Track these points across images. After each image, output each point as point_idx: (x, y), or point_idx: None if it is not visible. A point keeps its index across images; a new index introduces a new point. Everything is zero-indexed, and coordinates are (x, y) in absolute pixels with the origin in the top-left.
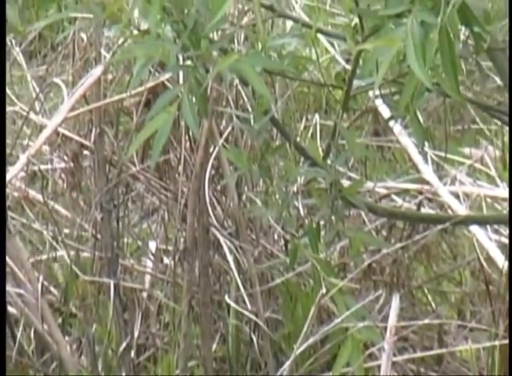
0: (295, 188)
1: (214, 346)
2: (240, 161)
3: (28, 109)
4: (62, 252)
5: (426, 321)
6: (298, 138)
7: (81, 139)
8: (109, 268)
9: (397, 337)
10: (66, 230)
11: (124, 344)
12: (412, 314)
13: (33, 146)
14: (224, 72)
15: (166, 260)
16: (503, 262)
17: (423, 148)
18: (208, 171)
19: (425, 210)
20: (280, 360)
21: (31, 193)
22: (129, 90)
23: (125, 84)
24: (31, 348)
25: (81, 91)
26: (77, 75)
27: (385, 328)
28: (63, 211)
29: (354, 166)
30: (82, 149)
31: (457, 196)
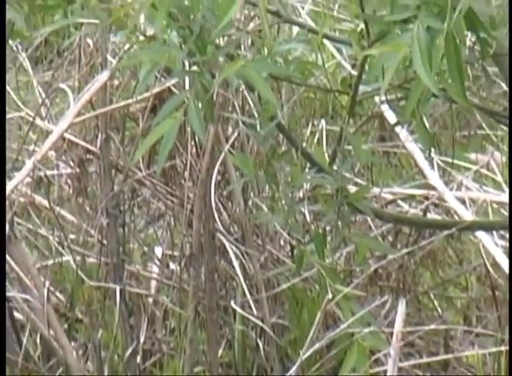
0: (301, 194)
1: (220, 352)
2: (246, 167)
3: (34, 114)
4: (68, 258)
5: (432, 327)
6: (304, 143)
7: (87, 145)
8: (115, 273)
9: (403, 342)
10: (72, 236)
11: (130, 349)
12: (418, 319)
13: (39, 152)
14: (230, 78)
15: (172, 266)
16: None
17: (429, 154)
18: (214, 176)
19: (431, 215)
20: (286, 366)
21: (37, 199)
22: (135, 96)
23: (131, 89)
24: (37, 353)
25: (87, 96)
26: (83, 81)
27: (391, 334)
28: (69, 217)
29: (360, 172)
30: (88, 154)
31: (463, 201)
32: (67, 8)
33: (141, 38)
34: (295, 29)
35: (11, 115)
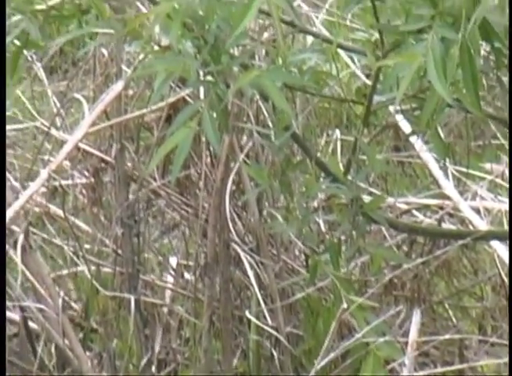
0: (316, 203)
1: (234, 361)
2: (261, 177)
3: (49, 124)
4: (83, 267)
5: (447, 336)
6: (319, 153)
7: (102, 155)
8: (130, 283)
9: (418, 352)
10: (86, 245)
11: (145, 359)
12: (433, 329)
13: (54, 162)
14: (244, 87)
15: (187, 275)
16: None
17: (444, 163)
18: (229, 186)
19: (446, 225)
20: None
21: (52, 209)
22: (150, 105)
23: (146, 99)
24: (52, 363)
25: (102, 106)
26: (97, 90)
27: (406, 343)
28: (84, 227)
29: (375, 181)
30: (103, 164)
31: (478, 211)
32: (82, 18)
33: (156, 48)
34: (309, 39)
35: (26, 125)
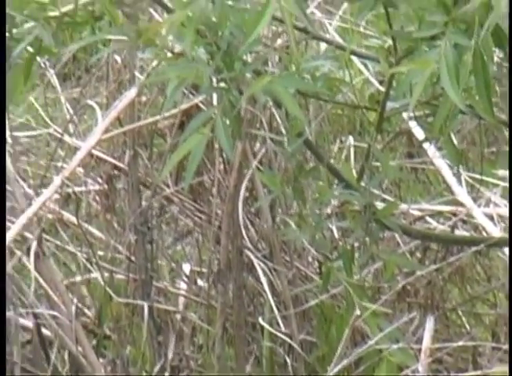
0: (329, 210)
1: (248, 368)
2: (274, 184)
3: (62, 131)
4: (96, 274)
5: (460, 343)
6: (332, 160)
7: (115, 161)
8: (143, 290)
9: (431, 359)
10: (100, 252)
11: (158, 366)
12: (446, 336)
13: (67, 168)
14: (257, 94)
15: (200, 282)
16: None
17: (457, 170)
18: (242, 193)
19: (459, 232)
20: None
21: (65, 215)
22: (163, 112)
23: (159, 106)
24: (65, 370)
25: (115, 113)
26: (111, 97)
27: (419, 350)
28: (97, 233)
29: (388, 188)
30: (116, 171)
31: (491, 218)
32: (95, 24)
33: (169, 55)
34: (323, 45)
35: (39, 132)
